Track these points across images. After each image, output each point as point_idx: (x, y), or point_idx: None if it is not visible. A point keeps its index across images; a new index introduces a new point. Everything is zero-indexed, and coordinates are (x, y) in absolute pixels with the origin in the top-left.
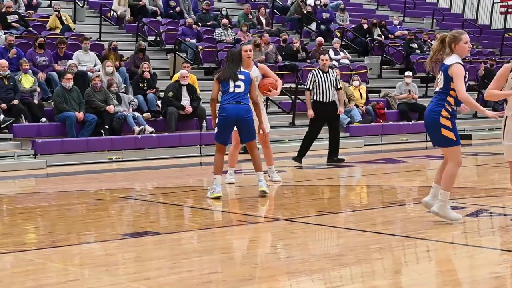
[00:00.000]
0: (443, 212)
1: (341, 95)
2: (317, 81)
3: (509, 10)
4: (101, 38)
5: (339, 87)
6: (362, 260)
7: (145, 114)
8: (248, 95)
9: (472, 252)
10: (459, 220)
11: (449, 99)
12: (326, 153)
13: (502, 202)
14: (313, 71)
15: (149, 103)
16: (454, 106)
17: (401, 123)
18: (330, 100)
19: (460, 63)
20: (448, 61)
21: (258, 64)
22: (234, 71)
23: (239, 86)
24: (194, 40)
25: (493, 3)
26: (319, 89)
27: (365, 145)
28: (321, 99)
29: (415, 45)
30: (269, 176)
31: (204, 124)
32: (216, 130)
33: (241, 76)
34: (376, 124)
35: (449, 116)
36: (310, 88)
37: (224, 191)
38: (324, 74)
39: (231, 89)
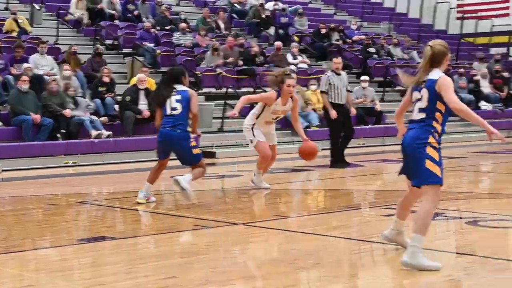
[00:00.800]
0: (416, 262)
1: (350, 97)
2: (332, 83)
3: (466, 15)
4: (58, 42)
5: (349, 89)
6: (319, 264)
7: (102, 118)
8: (189, 114)
9: (428, 255)
10: (439, 269)
11: (435, 125)
12: (285, 157)
13: (456, 205)
14: (327, 73)
15: (106, 107)
16: (440, 134)
17: (358, 127)
18: (344, 102)
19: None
20: (432, 75)
21: (294, 97)
22: (165, 94)
23: (175, 109)
24: (152, 44)
25: (450, 8)
26: (334, 91)
27: (322, 149)
28: (336, 101)
29: (372, 50)
30: (252, 182)
31: None
32: None
33: (177, 97)
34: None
35: (437, 146)
36: (326, 90)
37: (181, 195)
38: (338, 76)
39: (168, 112)
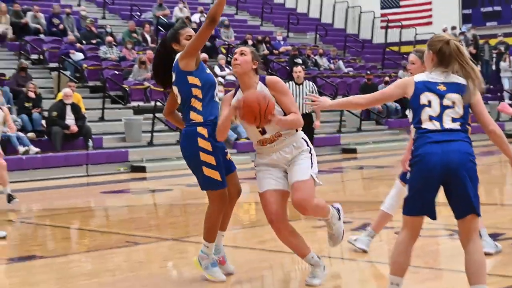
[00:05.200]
0: None
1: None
2: None
3: (390, 25)
4: None
5: None
6: (253, 278)
7: (29, 134)
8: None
9: (361, 266)
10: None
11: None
12: None
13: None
14: (287, 83)
15: (33, 122)
16: None
17: None
18: (304, 113)
19: None
20: (458, 78)
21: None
22: None
23: None
24: (79, 57)
25: (374, 17)
26: None
27: (252, 161)
28: None
29: (299, 61)
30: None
31: (90, 143)
32: None
33: None
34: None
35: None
36: None
37: (112, 211)
38: (298, 86)
39: None
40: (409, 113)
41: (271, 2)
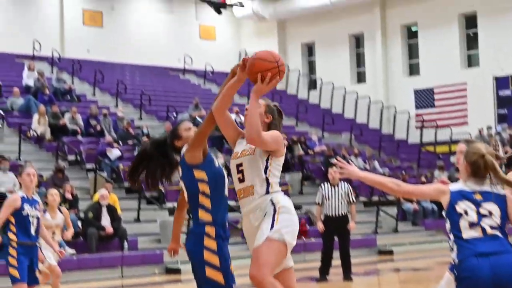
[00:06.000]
0: None
1: (353, 209)
2: (325, 195)
3: (425, 125)
4: (20, 158)
5: (351, 200)
6: None
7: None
8: None
9: None
10: None
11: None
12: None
13: None
14: (321, 185)
15: None
16: None
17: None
18: (339, 215)
19: None
20: (495, 188)
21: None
22: None
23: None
24: (115, 155)
25: (409, 117)
26: (328, 203)
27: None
28: (329, 214)
29: (334, 161)
30: None
31: (126, 245)
32: None
33: None
34: (298, 241)
35: None
36: (319, 203)
37: None
38: (333, 187)
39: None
40: (446, 219)
41: (306, 103)
